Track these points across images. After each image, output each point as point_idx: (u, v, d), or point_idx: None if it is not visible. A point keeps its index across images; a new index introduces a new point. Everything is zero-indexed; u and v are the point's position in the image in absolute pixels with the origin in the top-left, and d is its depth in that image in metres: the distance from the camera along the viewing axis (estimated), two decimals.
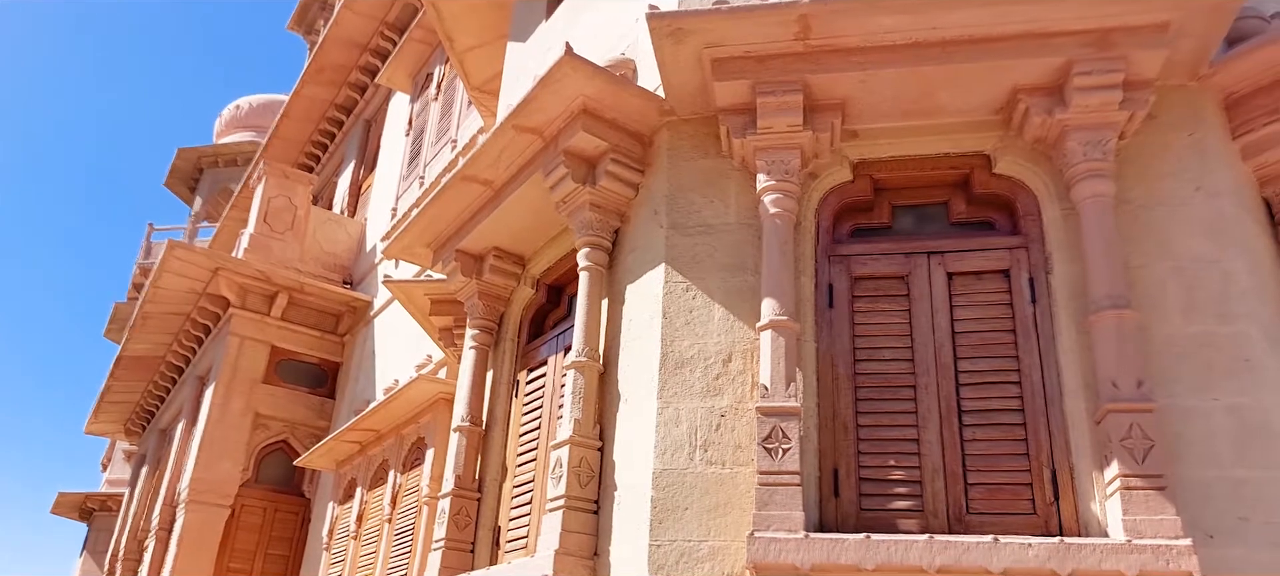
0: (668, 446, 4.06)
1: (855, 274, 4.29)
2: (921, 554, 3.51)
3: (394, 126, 11.52)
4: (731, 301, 4.26)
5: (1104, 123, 3.97)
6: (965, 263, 4.21)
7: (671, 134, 4.63)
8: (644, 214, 4.63)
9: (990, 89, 4.13)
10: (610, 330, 4.60)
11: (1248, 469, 3.64)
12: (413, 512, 7.04)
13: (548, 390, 5.02)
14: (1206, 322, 3.85)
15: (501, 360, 5.44)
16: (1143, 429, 3.56)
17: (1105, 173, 3.95)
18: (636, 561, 3.94)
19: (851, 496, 3.94)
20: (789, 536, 3.61)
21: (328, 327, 10.62)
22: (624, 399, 4.36)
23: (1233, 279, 3.91)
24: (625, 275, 4.63)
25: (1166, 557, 3.34)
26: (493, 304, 5.46)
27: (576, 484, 4.23)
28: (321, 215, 11.49)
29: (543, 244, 5.35)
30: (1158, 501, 3.45)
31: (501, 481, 5.16)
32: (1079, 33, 3.88)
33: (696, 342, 4.22)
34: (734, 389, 4.11)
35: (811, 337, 4.16)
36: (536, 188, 4.85)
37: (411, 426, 7.54)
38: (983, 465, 3.87)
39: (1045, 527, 3.71)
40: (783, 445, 3.78)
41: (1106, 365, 3.69)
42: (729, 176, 4.49)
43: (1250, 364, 3.78)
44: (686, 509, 3.95)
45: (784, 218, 4.17)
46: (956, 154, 4.33)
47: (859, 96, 4.21)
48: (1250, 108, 4.25)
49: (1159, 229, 4.03)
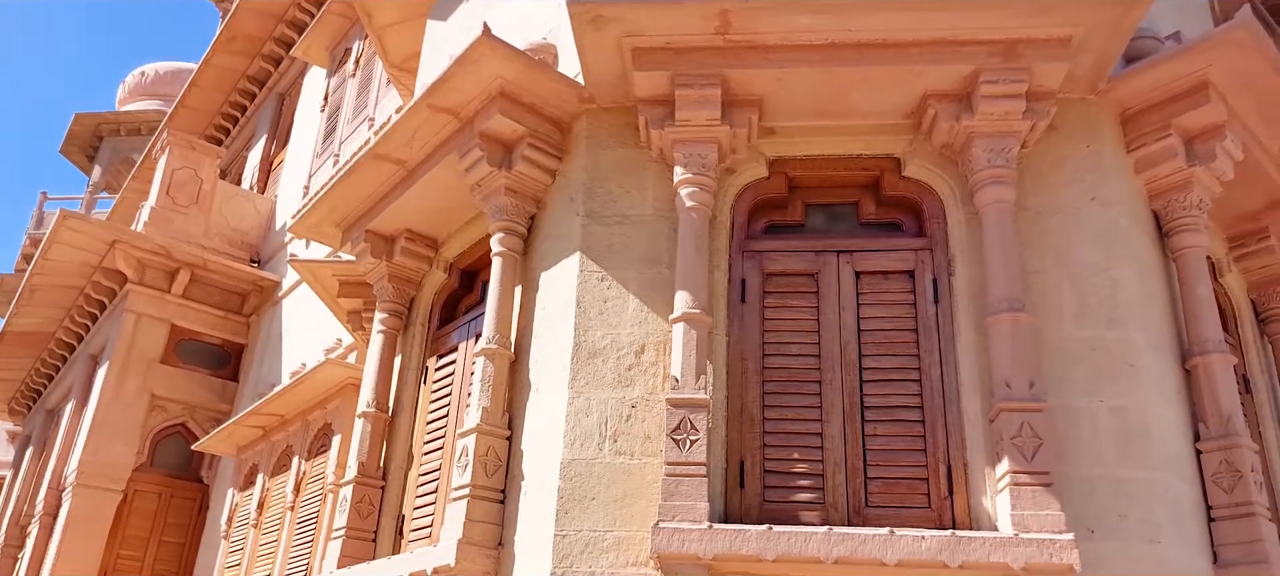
0: (577, 436, 4.04)
1: (767, 270, 4.34)
2: (820, 545, 3.58)
3: (309, 101, 11.16)
4: (646, 293, 4.26)
5: (1008, 131, 4.11)
6: (873, 262, 4.31)
7: (590, 122, 4.59)
8: (560, 201, 4.59)
9: (902, 93, 4.23)
10: (523, 318, 4.55)
11: (1128, 468, 3.83)
12: (317, 501, 6.88)
13: (457, 377, 4.94)
14: (1096, 328, 4.03)
15: (411, 345, 5.32)
16: (1033, 427, 3.70)
17: (1007, 180, 4.09)
18: (541, 551, 3.91)
19: (756, 488, 3.99)
20: (693, 527, 3.64)
21: (232, 307, 10.25)
22: (534, 388, 4.32)
23: (1121, 287, 4.10)
24: (540, 262, 4.58)
25: (1050, 551, 3.48)
26: (403, 287, 5.34)
27: (483, 473, 4.17)
28: (229, 190, 11.06)
29: (457, 227, 5.25)
30: (1044, 497, 3.60)
31: (407, 470, 5.06)
32: (987, 42, 4.00)
33: (610, 333, 4.21)
34: (646, 380, 4.12)
35: (723, 331, 4.19)
36: (451, 170, 4.75)
37: (318, 411, 7.37)
38: (883, 460, 3.97)
39: (939, 521, 3.83)
40: (691, 436, 3.81)
41: (1001, 366, 3.83)
42: (647, 167, 4.48)
43: (1134, 368, 3.97)
44: (593, 499, 3.94)
45: (700, 211, 4.19)
46: (868, 155, 4.43)
47: (776, 94, 4.26)
48: (1143, 123, 4.46)
49: (1055, 236, 4.20)
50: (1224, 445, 4.09)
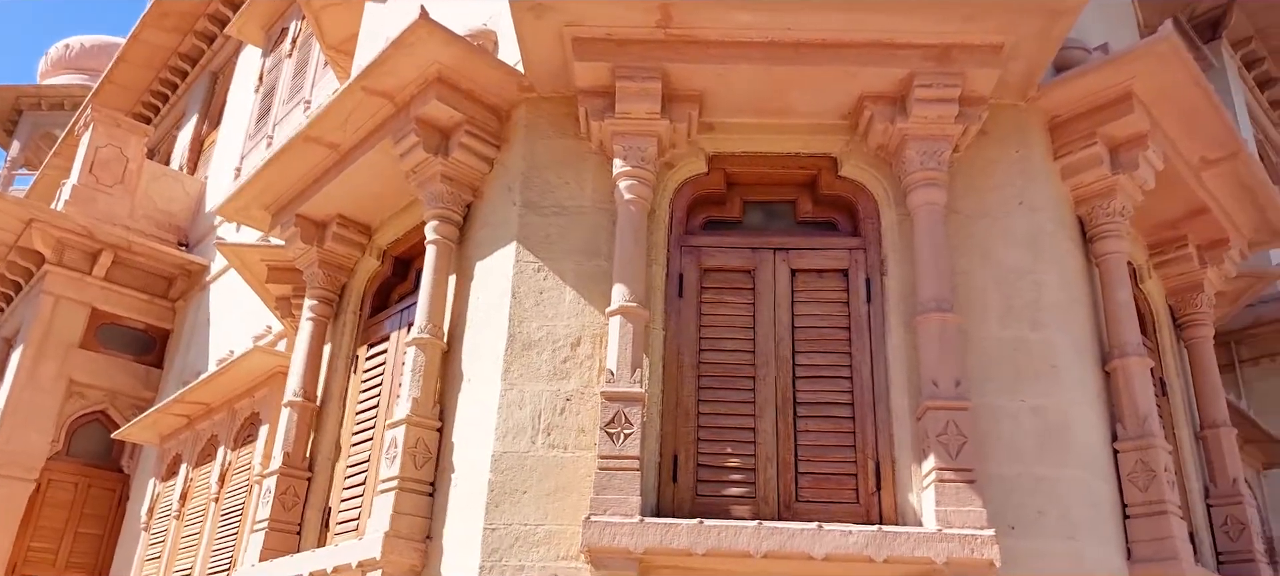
0: (509, 428, 4.00)
1: (705, 265, 4.35)
2: (750, 539, 3.60)
3: (243, 81, 10.83)
4: (583, 285, 4.23)
5: (940, 134, 4.18)
6: (808, 260, 4.35)
7: (530, 111, 4.54)
8: (498, 190, 4.52)
9: (839, 94, 4.27)
10: (457, 308, 4.48)
11: (1047, 466, 3.93)
12: (243, 492, 6.73)
13: (389, 367, 4.84)
14: (1020, 329, 4.13)
15: (341, 333, 5.20)
16: (957, 425, 3.78)
17: (939, 182, 4.16)
18: (470, 544, 3.86)
19: (689, 482, 4.00)
20: (624, 521, 3.63)
21: (158, 291, 9.91)
22: (467, 379, 4.26)
23: (1045, 289, 4.21)
24: (475, 251, 4.52)
25: (971, 546, 3.56)
26: (334, 274, 5.22)
27: (412, 465, 4.10)
28: (157, 170, 10.67)
29: (391, 214, 5.15)
30: (967, 493, 3.68)
31: (335, 461, 4.95)
32: (922, 46, 4.06)
33: (546, 325, 4.17)
34: (581, 373, 4.09)
35: (660, 325, 4.19)
36: (385, 155, 4.65)
37: (245, 400, 7.21)
38: (813, 455, 4.01)
39: (867, 516, 3.89)
40: (625, 430, 3.79)
41: (929, 364, 3.90)
42: (586, 159, 4.45)
43: (1056, 369, 4.08)
44: (525, 492, 3.90)
45: (638, 204, 4.17)
46: (805, 154, 4.46)
47: (716, 90, 4.27)
48: (1070, 131, 4.58)
49: (983, 239, 4.29)
50: (1140, 445, 4.24)
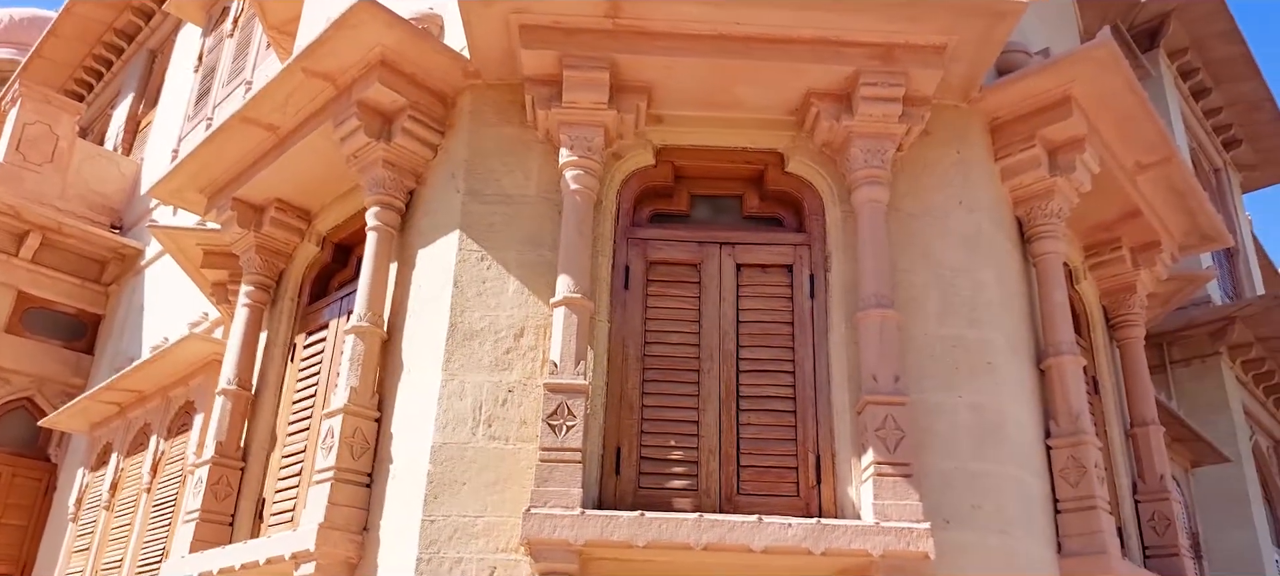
0: (450, 419, 3.94)
1: (651, 258, 4.34)
2: (690, 532, 3.60)
3: (182, 60, 10.50)
4: (527, 275, 4.18)
5: (884, 133, 4.22)
6: (754, 255, 4.36)
7: (475, 98, 4.48)
8: (441, 177, 4.45)
9: (786, 90, 4.29)
10: (398, 296, 4.41)
11: (983, 462, 4.01)
12: (176, 482, 6.58)
13: (327, 355, 4.74)
14: (958, 327, 4.20)
15: (278, 320, 5.08)
16: (896, 420, 3.83)
17: (882, 180, 4.21)
18: (407, 536, 3.80)
19: (631, 475, 3.99)
20: (565, 513, 3.60)
21: (90, 275, 9.58)
22: (407, 368, 4.19)
23: (983, 288, 4.29)
24: (417, 239, 4.44)
25: (907, 539, 3.61)
26: (272, 259, 5.09)
27: (349, 455, 4.02)
28: (90, 149, 10.29)
29: (332, 199, 5.04)
30: (904, 487, 3.73)
31: (270, 451, 4.84)
32: (867, 45, 4.10)
33: (488, 315, 4.12)
34: (524, 364, 4.05)
35: (605, 317, 4.17)
36: (326, 138, 4.55)
37: (180, 388, 7.05)
38: (756, 448, 4.04)
39: (807, 509, 3.93)
40: (567, 422, 3.77)
41: (869, 360, 3.94)
42: (532, 148, 4.40)
43: (992, 367, 4.16)
44: (465, 484, 3.85)
45: (584, 195, 4.14)
46: (753, 149, 4.47)
47: (664, 82, 4.25)
48: (1010, 133, 4.67)
49: (924, 237, 4.35)
50: (1072, 442, 4.34)
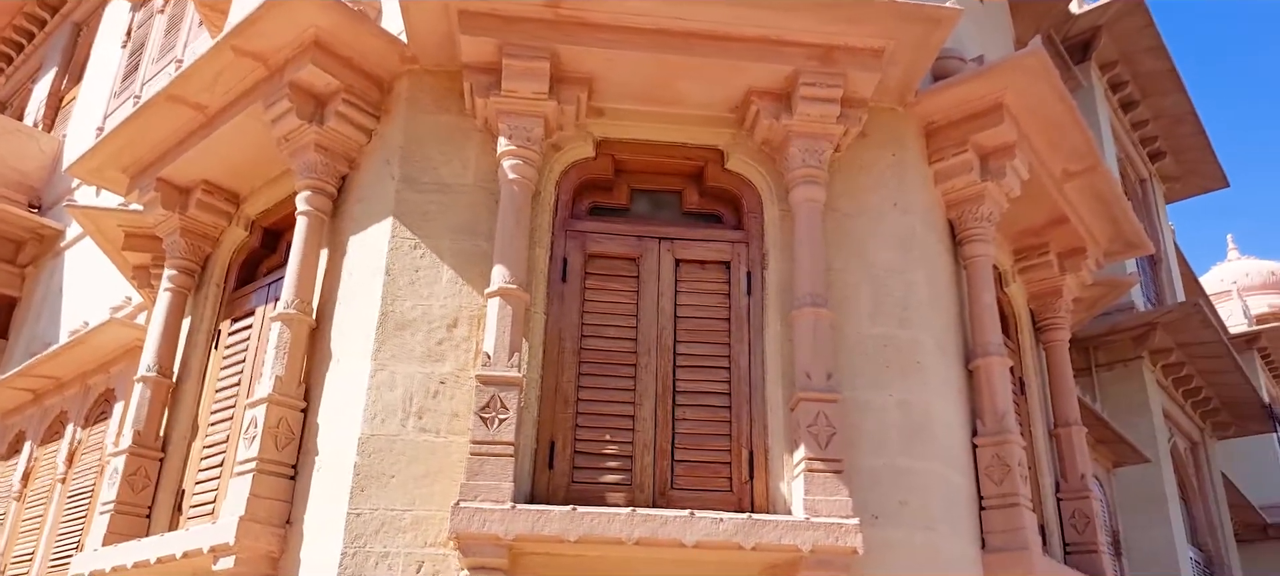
0: (379, 411, 3.86)
1: (589, 251, 4.31)
2: (623, 526, 3.59)
3: (109, 35, 10.09)
4: (462, 265, 4.12)
5: (822, 133, 4.27)
6: (692, 251, 4.37)
7: (412, 83, 4.39)
8: (375, 163, 4.36)
9: (728, 87, 4.30)
10: (328, 283, 4.30)
11: (910, 459, 4.09)
12: (93, 472, 6.34)
13: (253, 343, 4.60)
14: (889, 326, 4.27)
15: (202, 306, 4.92)
16: (827, 417, 3.87)
17: (819, 180, 4.25)
18: (332, 529, 3.72)
19: (565, 469, 3.96)
20: (495, 507, 3.56)
21: (6, 256, 9.17)
22: (335, 358, 4.09)
23: (914, 289, 4.36)
24: (349, 225, 4.34)
25: (836, 534, 3.66)
26: (197, 243, 4.93)
27: (273, 446, 3.91)
28: (8, 125, 9.82)
29: (262, 183, 4.90)
30: (834, 483, 3.78)
31: (191, 441, 4.68)
32: (807, 45, 4.14)
33: (421, 304, 4.05)
34: (457, 355, 3.99)
35: (542, 309, 4.13)
36: (256, 120, 4.42)
37: (99, 375, 6.80)
38: (690, 443, 4.04)
39: (739, 504, 3.95)
40: (500, 415, 3.72)
41: (803, 357, 3.98)
42: (470, 136, 4.34)
43: (921, 366, 4.24)
44: (393, 476, 3.78)
45: (522, 185, 4.09)
46: (693, 145, 4.48)
47: (606, 74, 4.23)
48: (945, 138, 4.76)
49: (858, 238, 4.41)
50: (997, 441, 4.45)
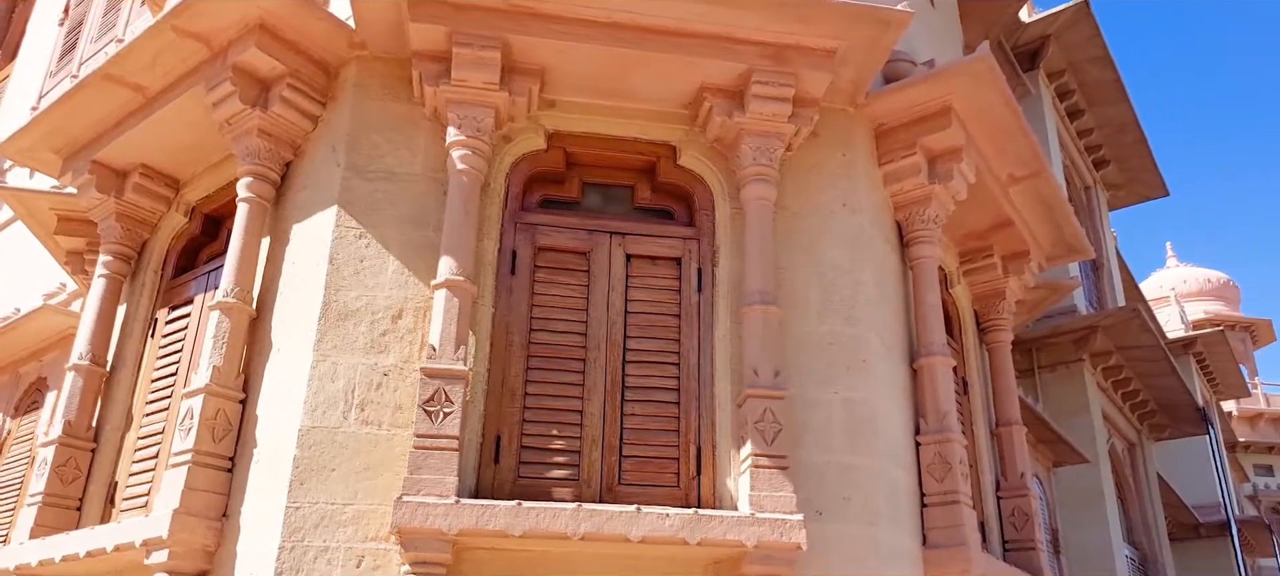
0: (320, 402, 3.78)
1: (540, 244, 4.27)
2: (568, 521, 3.57)
3: (46, 12, 9.74)
4: (408, 255, 4.06)
5: (774, 132, 4.29)
6: (644, 247, 4.36)
7: (360, 70, 4.31)
8: (321, 150, 4.27)
9: (681, 83, 4.30)
10: (269, 272, 4.20)
11: (855, 455, 4.13)
12: (24, 463, 6.12)
13: (191, 332, 4.48)
14: (836, 324, 4.31)
15: (139, 294, 4.77)
16: (774, 413, 3.90)
17: (771, 179, 4.27)
18: (270, 523, 3.63)
19: (511, 464, 3.92)
20: (439, 502, 3.51)
21: None
22: (276, 348, 4.00)
23: (861, 288, 4.41)
24: (293, 213, 4.25)
25: (780, 530, 3.68)
26: (134, 228, 4.78)
27: (209, 438, 3.81)
28: None
29: (203, 168, 4.77)
30: (780, 479, 3.80)
31: (124, 432, 4.54)
32: (760, 44, 4.15)
33: (365, 295, 3.97)
34: (401, 347, 3.93)
35: (490, 302, 4.09)
36: (197, 102, 4.29)
37: (31, 364, 6.59)
38: (638, 439, 4.04)
39: (686, 499, 3.95)
40: (444, 408, 3.67)
41: (751, 354, 4.00)
42: (419, 125, 4.27)
43: (866, 364, 4.29)
44: (334, 470, 3.71)
45: (471, 176, 4.04)
46: (646, 140, 4.47)
47: (558, 66, 4.19)
48: (894, 140, 4.82)
49: (808, 236, 4.44)
50: (939, 439, 4.52)
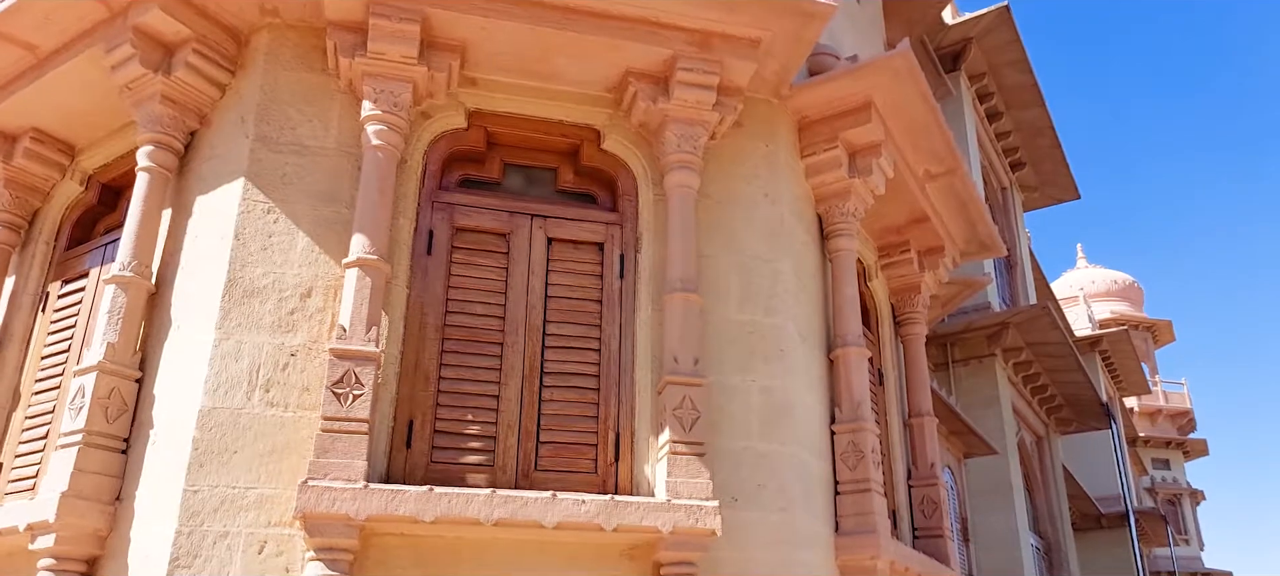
0: (222, 383, 3.63)
1: (458, 224, 4.19)
2: (482, 507, 3.51)
3: None
4: (319, 232, 3.92)
5: (698, 120, 4.29)
6: (566, 231, 4.31)
7: (273, 38, 4.14)
8: (229, 120, 4.09)
9: (605, 66, 4.26)
10: (170, 246, 4.01)
11: (770, 443, 4.17)
12: None
13: (86, 308, 4.26)
14: (755, 314, 4.34)
15: (29, 265, 4.51)
16: (693, 401, 3.90)
17: (694, 166, 4.27)
18: (166, 508, 3.48)
19: (424, 448, 3.84)
20: (346, 486, 3.41)
21: None
22: (176, 325, 3.83)
23: (780, 278, 4.45)
24: (197, 184, 4.06)
25: (696, 516, 3.69)
26: (25, 196, 4.51)
27: (102, 418, 3.62)
28: None
29: (102, 134, 4.52)
30: (696, 466, 3.81)
31: (12, 410, 4.29)
32: (685, 30, 4.14)
33: (273, 272, 3.83)
34: (310, 326, 3.80)
35: (404, 282, 3.99)
36: (95, 65, 4.07)
37: None
38: (556, 425, 4.00)
39: (603, 486, 3.93)
40: (354, 391, 3.56)
41: (671, 341, 4.00)
42: (333, 97, 4.13)
43: (784, 353, 4.33)
44: (236, 452, 3.57)
45: (387, 152, 3.93)
46: (569, 123, 4.42)
47: (480, 43, 4.11)
48: (816, 133, 4.88)
49: (729, 226, 4.46)
50: (853, 428, 4.61)
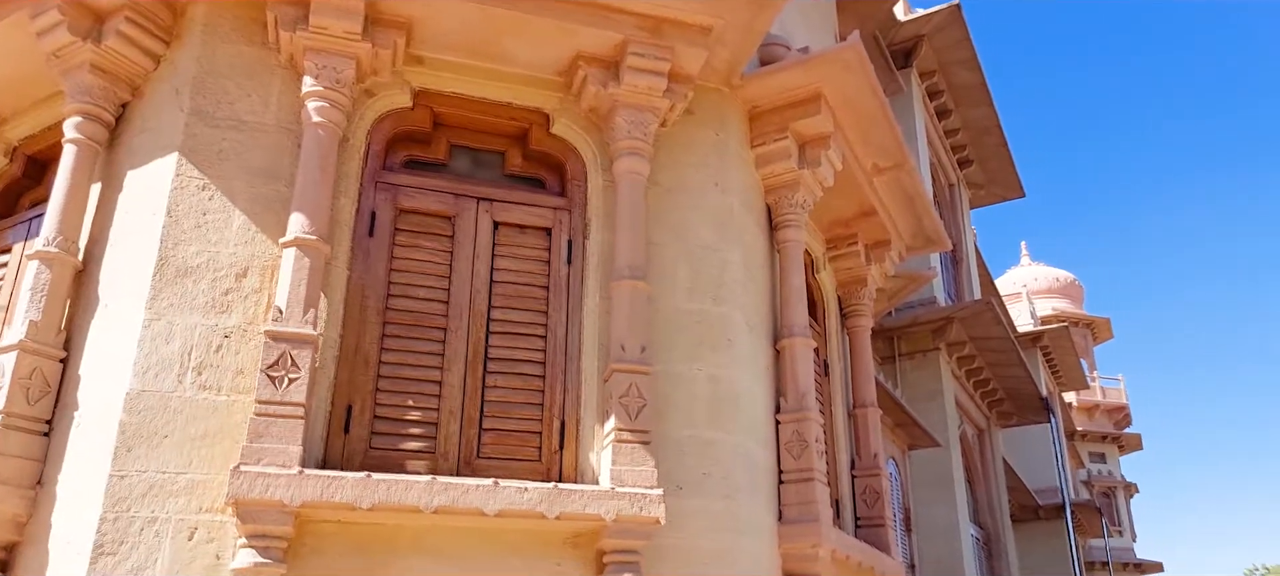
0: (152, 364, 3.51)
1: (402, 206, 4.10)
2: (422, 494, 3.45)
3: None
4: (257, 210, 3.81)
5: (649, 106, 4.26)
6: (513, 215, 4.25)
7: (210, 9, 4.00)
8: (163, 92, 3.95)
9: (555, 49, 4.21)
10: (99, 221, 3.87)
11: (716, 431, 4.17)
12: None
13: (8, 284, 4.08)
14: (703, 302, 4.33)
15: None
16: (639, 389, 3.89)
17: (644, 153, 4.24)
18: (91, 493, 3.35)
19: (363, 434, 3.76)
20: (280, 472, 3.33)
21: None
22: (103, 304, 3.69)
23: (729, 268, 4.45)
24: (128, 158, 3.91)
25: (640, 504, 3.68)
26: None
27: (23, 399, 3.48)
28: None
29: (28, 104, 4.33)
30: (641, 454, 3.80)
31: None
32: (637, 15, 4.11)
33: (207, 250, 3.71)
34: (246, 307, 3.69)
35: (344, 264, 3.90)
36: (21, 30, 3.90)
37: None
38: (500, 411, 3.95)
39: (547, 474, 3.89)
40: (290, 374, 3.47)
41: (618, 329, 3.97)
42: (274, 72, 4.01)
43: (731, 343, 4.34)
44: (166, 437, 3.45)
45: (328, 129, 3.83)
46: (518, 105, 4.36)
47: (426, 20, 4.02)
48: (766, 123, 4.89)
49: (679, 214, 4.45)
50: (797, 418, 4.64)
